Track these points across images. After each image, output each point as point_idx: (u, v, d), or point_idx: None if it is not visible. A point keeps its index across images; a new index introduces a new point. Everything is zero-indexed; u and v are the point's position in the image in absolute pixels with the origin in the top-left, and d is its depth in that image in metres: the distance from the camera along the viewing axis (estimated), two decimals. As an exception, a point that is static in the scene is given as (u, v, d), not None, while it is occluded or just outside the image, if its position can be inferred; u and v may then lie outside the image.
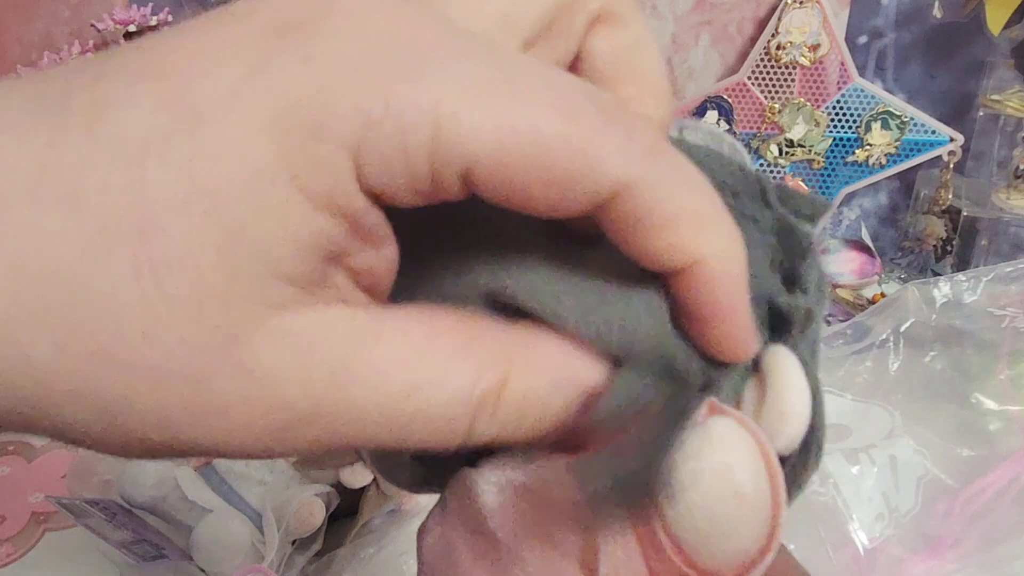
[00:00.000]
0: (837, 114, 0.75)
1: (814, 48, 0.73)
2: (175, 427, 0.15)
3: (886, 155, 0.75)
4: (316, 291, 0.15)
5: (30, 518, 0.58)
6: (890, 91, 0.77)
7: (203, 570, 0.48)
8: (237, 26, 0.15)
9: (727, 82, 0.77)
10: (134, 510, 0.50)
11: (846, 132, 0.75)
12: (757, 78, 0.76)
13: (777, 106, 0.75)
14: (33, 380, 0.14)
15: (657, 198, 0.15)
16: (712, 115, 0.76)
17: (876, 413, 0.55)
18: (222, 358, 0.14)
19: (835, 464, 0.51)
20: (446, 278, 0.18)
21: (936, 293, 0.58)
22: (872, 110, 0.74)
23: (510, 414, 0.16)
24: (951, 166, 0.74)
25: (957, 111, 0.78)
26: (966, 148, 0.75)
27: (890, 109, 0.73)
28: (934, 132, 0.74)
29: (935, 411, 0.54)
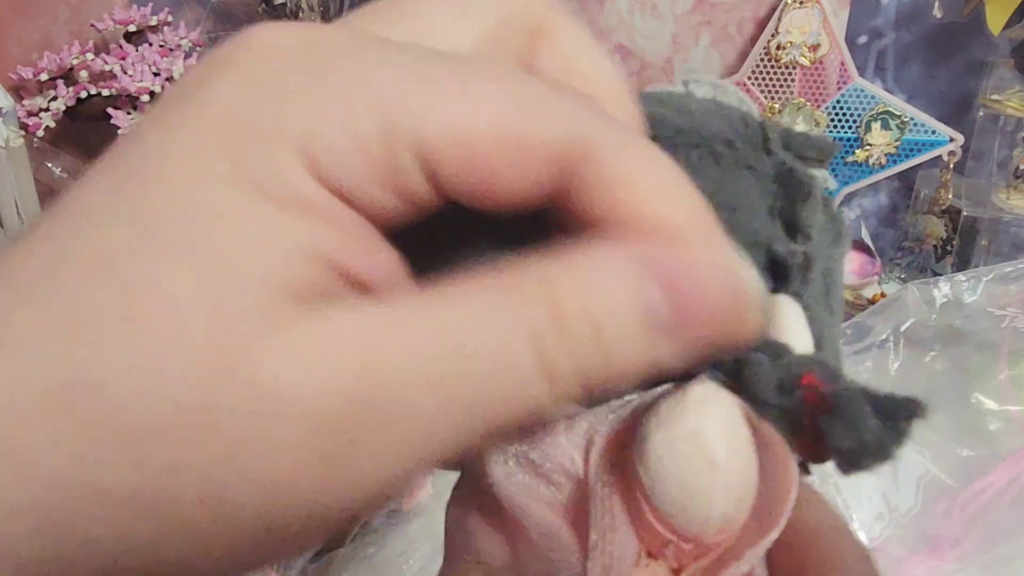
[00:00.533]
0: (837, 114, 0.75)
1: (814, 48, 0.73)
2: (226, 490, 0.13)
3: (886, 155, 0.75)
4: (317, 300, 0.14)
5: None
6: (890, 91, 0.77)
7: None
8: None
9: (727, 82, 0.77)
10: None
11: (846, 132, 0.75)
12: (757, 78, 0.76)
13: (777, 106, 0.75)
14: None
15: (617, 162, 0.15)
16: (712, 115, 0.76)
17: (876, 413, 0.55)
18: (233, 388, 0.13)
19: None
20: None
21: (936, 293, 0.58)
22: (872, 110, 0.74)
23: (583, 340, 0.14)
24: (951, 166, 0.74)
25: (957, 111, 0.78)
26: (966, 148, 0.75)
27: (890, 109, 0.73)
28: (934, 132, 0.74)
29: (935, 411, 0.54)
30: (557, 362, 0.14)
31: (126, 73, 0.76)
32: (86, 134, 0.85)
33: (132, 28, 0.82)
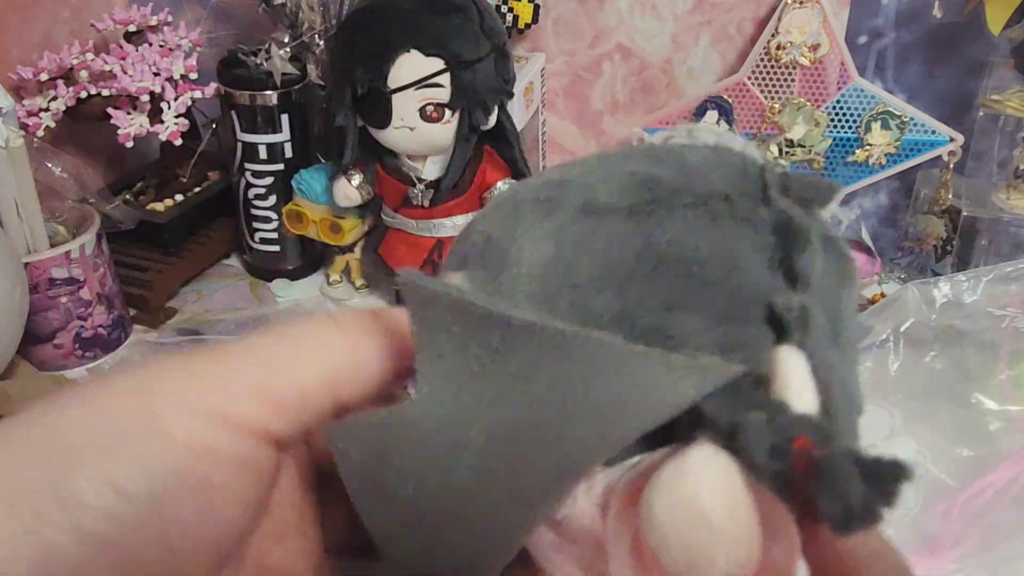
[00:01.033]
0: (837, 114, 0.75)
1: (814, 48, 0.73)
2: None
3: (886, 155, 0.75)
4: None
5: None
6: (890, 91, 0.77)
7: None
8: None
9: (727, 82, 0.77)
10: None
11: (846, 132, 0.75)
12: (757, 78, 0.76)
13: (777, 106, 0.75)
14: None
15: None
16: (712, 115, 0.76)
17: (876, 413, 0.55)
18: None
19: (835, 464, 0.51)
20: None
21: (936, 293, 0.58)
22: (872, 110, 0.74)
23: None
24: (951, 166, 0.74)
25: (957, 111, 0.78)
26: (966, 148, 0.75)
27: (890, 109, 0.73)
28: (934, 132, 0.74)
29: (935, 411, 0.54)
30: None
31: (126, 73, 0.76)
32: (86, 134, 0.85)
33: (132, 28, 0.82)
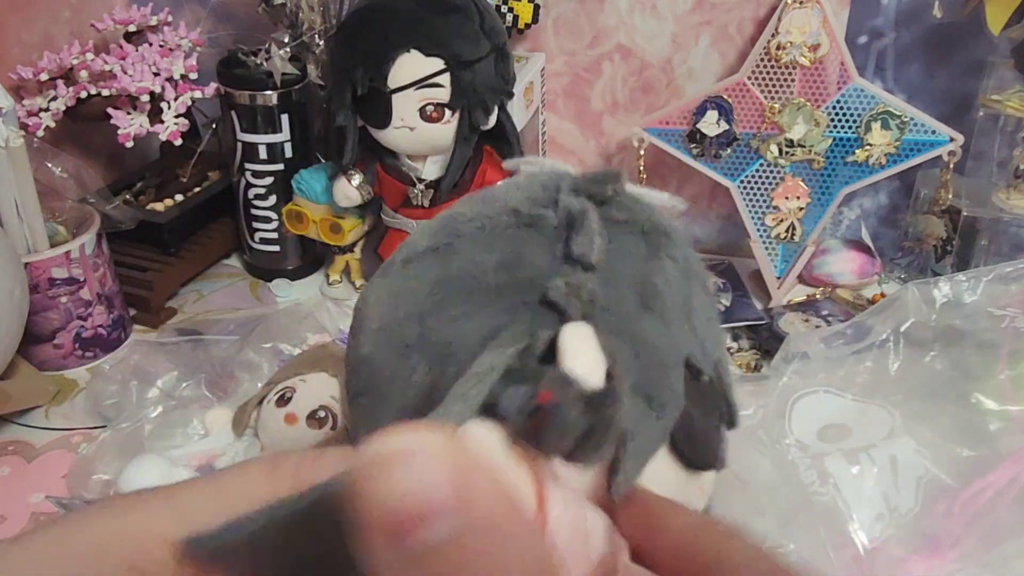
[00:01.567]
0: (837, 114, 0.75)
1: (814, 48, 0.73)
2: None
3: (886, 155, 0.75)
4: None
5: (30, 518, 0.58)
6: (890, 91, 0.77)
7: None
8: None
9: (727, 82, 0.77)
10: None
11: (846, 132, 0.75)
12: (757, 78, 0.76)
13: (777, 106, 0.75)
14: None
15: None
16: (712, 115, 0.76)
17: (876, 413, 0.55)
18: None
19: (835, 464, 0.51)
20: None
21: (936, 293, 0.58)
22: (872, 110, 0.74)
23: None
24: (951, 166, 0.74)
25: (957, 111, 0.78)
26: (966, 148, 0.75)
27: (890, 109, 0.73)
28: (934, 132, 0.74)
29: (935, 411, 0.54)
30: None
31: (126, 73, 0.76)
32: (86, 134, 0.85)
33: (132, 28, 0.82)
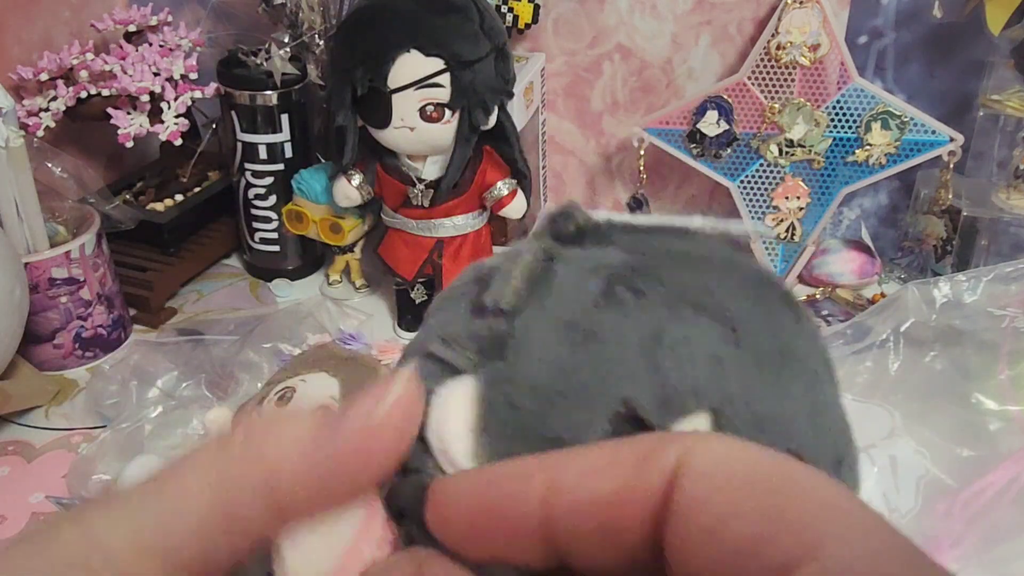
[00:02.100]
0: (837, 114, 0.75)
1: (814, 48, 0.73)
2: None
3: (886, 155, 0.75)
4: None
5: (30, 518, 0.58)
6: (890, 91, 0.77)
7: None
8: None
9: (727, 82, 0.77)
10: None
11: (846, 132, 0.75)
12: (757, 78, 0.76)
13: (777, 106, 0.75)
14: None
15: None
16: (712, 115, 0.76)
17: (876, 413, 0.55)
18: None
19: (835, 464, 0.51)
20: None
21: (936, 293, 0.58)
22: (872, 110, 0.74)
23: None
24: (951, 166, 0.74)
25: (957, 111, 0.78)
26: (966, 148, 0.75)
27: (890, 109, 0.73)
28: (934, 132, 0.74)
29: (935, 411, 0.54)
30: None
31: (126, 73, 0.76)
32: (86, 134, 0.85)
33: (132, 28, 0.82)
